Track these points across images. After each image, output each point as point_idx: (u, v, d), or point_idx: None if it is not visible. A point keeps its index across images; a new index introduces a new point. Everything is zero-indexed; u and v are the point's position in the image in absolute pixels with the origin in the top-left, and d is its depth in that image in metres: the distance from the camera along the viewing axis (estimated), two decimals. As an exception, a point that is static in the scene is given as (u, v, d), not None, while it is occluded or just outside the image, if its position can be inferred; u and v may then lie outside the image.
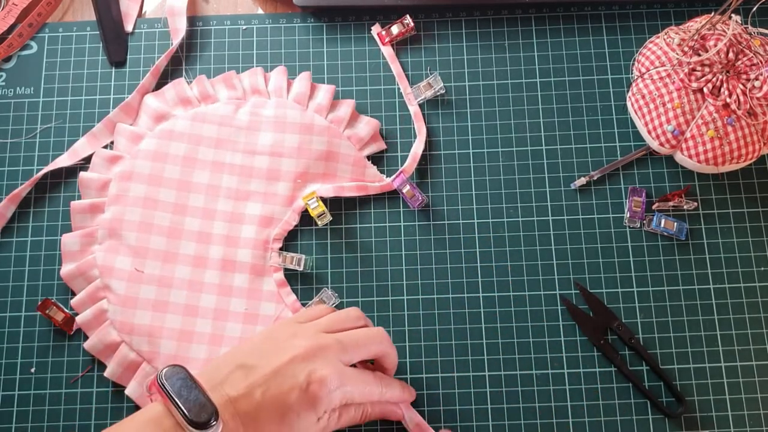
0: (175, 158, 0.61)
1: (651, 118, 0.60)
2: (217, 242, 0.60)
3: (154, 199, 0.60)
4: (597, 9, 0.67)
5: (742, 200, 0.62)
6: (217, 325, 0.58)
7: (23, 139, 0.64)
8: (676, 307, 0.60)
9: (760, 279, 0.60)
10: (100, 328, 0.58)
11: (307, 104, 0.63)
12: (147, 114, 0.63)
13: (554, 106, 0.64)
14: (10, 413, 0.59)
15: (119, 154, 0.62)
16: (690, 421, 0.57)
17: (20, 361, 0.60)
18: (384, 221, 0.62)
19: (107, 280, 0.59)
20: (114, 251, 0.60)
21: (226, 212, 0.61)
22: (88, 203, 0.61)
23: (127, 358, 0.57)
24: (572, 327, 0.60)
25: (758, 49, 0.58)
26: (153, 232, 0.60)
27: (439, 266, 0.61)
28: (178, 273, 0.59)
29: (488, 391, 0.58)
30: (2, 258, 0.62)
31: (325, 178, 0.62)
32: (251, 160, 0.62)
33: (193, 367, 0.56)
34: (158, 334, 0.58)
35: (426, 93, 0.64)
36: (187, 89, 0.64)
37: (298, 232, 0.62)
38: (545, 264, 0.61)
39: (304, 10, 0.67)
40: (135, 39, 0.67)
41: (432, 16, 0.67)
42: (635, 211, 0.61)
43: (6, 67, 0.66)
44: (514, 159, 0.63)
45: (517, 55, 0.66)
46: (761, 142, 0.59)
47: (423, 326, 0.60)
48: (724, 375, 0.58)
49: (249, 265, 0.60)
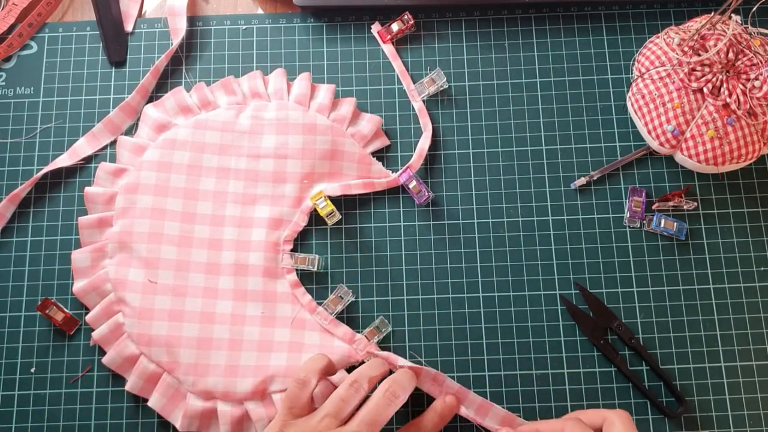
0: (180, 167, 0.61)
1: (651, 118, 0.60)
2: (228, 248, 0.60)
3: (161, 209, 0.60)
4: (597, 9, 0.67)
5: (742, 200, 0.62)
6: (235, 330, 0.58)
7: (23, 139, 0.64)
8: (676, 307, 0.60)
9: (760, 279, 0.60)
10: (117, 342, 0.58)
11: (309, 104, 0.63)
12: (148, 125, 0.63)
13: (554, 106, 0.64)
14: (10, 413, 0.59)
15: (123, 167, 0.62)
16: (690, 421, 0.58)
17: (20, 361, 0.60)
18: (384, 221, 0.62)
19: (121, 293, 0.59)
20: (126, 264, 0.59)
21: (234, 217, 0.61)
22: (95, 218, 0.61)
23: (147, 370, 0.57)
24: (572, 327, 0.60)
25: (758, 49, 0.58)
26: (163, 242, 0.60)
27: (439, 266, 0.61)
28: (192, 281, 0.59)
29: (488, 391, 0.58)
30: (2, 258, 0.62)
31: (331, 177, 0.62)
32: (256, 163, 0.62)
33: (213, 374, 0.56)
34: (177, 344, 0.58)
35: (429, 89, 0.64)
36: (187, 97, 0.64)
37: (307, 233, 0.62)
38: (545, 264, 0.61)
39: (304, 10, 0.67)
40: (135, 39, 0.67)
41: (432, 16, 0.67)
42: (635, 211, 0.61)
43: (6, 67, 0.66)
44: (514, 159, 0.63)
45: (517, 55, 0.66)
46: (761, 142, 0.59)
47: (423, 326, 0.60)
48: (724, 375, 0.58)
49: (261, 268, 0.60)
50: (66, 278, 0.61)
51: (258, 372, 0.57)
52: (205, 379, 0.57)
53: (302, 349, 0.58)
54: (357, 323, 0.60)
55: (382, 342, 0.59)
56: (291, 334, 0.59)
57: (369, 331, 0.59)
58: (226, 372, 0.57)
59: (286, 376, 0.57)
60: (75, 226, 0.62)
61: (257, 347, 0.58)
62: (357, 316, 0.60)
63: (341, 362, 0.57)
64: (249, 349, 0.58)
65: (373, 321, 0.59)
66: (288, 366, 0.57)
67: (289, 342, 0.58)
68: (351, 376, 0.53)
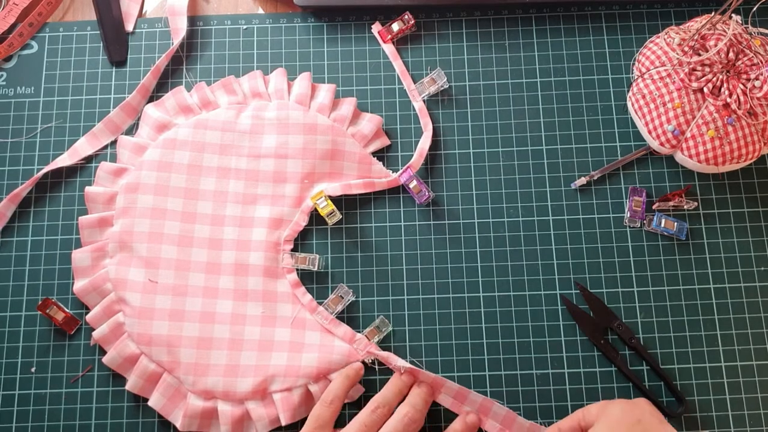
0: (180, 167, 0.61)
1: (651, 118, 0.60)
2: (229, 247, 0.60)
3: (162, 208, 0.60)
4: (597, 9, 0.67)
5: (742, 200, 0.62)
6: (236, 330, 0.58)
7: (23, 138, 0.64)
8: (676, 307, 0.60)
9: (760, 279, 0.60)
10: (117, 342, 0.58)
11: (309, 104, 0.63)
12: (148, 124, 0.63)
13: (554, 106, 0.64)
14: (11, 413, 0.59)
15: (124, 167, 0.62)
16: (690, 421, 0.58)
17: (20, 360, 0.60)
18: (384, 221, 0.62)
19: (121, 292, 0.59)
20: (126, 264, 0.59)
21: (235, 217, 0.61)
22: (96, 217, 0.61)
23: (147, 370, 0.57)
24: (572, 327, 0.60)
25: (758, 49, 0.58)
26: (164, 242, 0.60)
27: (439, 266, 0.61)
28: (192, 280, 0.59)
29: (488, 391, 0.58)
30: (2, 258, 0.62)
31: (331, 176, 0.62)
32: (256, 163, 0.62)
33: (214, 374, 0.56)
34: (177, 344, 0.58)
35: (430, 88, 0.64)
36: (188, 97, 0.64)
37: (307, 232, 0.62)
38: (545, 264, 0.61)
39: (305, 10, 0.67)
40: (135, 39, 0.67)
41: (432, 16, 0.67)
42: (635, 211, 0.61)
43: (6, 66, 0.66)
44: (514, 159, 0.63)
45: (517, 55, 0.66)
46: (761, 142, 0.59)
47: (423, 326, 0.60)
48: (724, 375, 0.58)
49: (262, 268, 0.60)
50: (66, 278, 0.61)
51: (258, 372, 0.57)
52: (205, 378, 0.57)
53: (302, 348, 0.58)
54: (357, 323, 0.60)
55: (383, 341, 0.59)
56: (291, 333, 0.59)
57: (369, 331, 0.59)
58: (226, 372, 0.57)
59: (287, 375, 0.57)
60: (75, 226, 0.62)
61: (258, 347, 0.58)
62: (357, 316, 0.60)
63: (342, 362, 0.57)
64: (249, 349, 0.58)
65: (374, 321, 0.59)
66: (288, 366, 0.57)
67: (290, 342, 0.58)
68: (373, 401, 0.54)
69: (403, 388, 0.56)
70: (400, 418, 0.53)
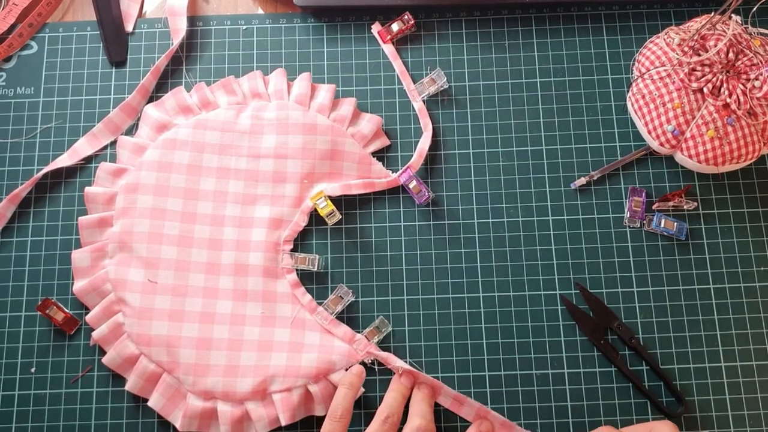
0: (180, 167, 0.61)
1: (651, 118, 0.60)
2: (229, 248, 0.60)
3: (161, 209, 0.60)
4: (597, 9, 0.67)
5: (742, 200, 0.62)
6: (235, 330, 0.58)
7: (23, 139, 0.64)
8: (676, 307, 0.60)
9: (760, 279, 0.60)
10: (117, 342, 0.58)
11: (309, 104, 0.63)
12: (148, 125, 0.63)
13: (554, 106, 0.64)
14: (10, 413, 0.59)
15: (123, 167, 0.62)
16: (690, 421, 0.58)
17: (20, 360, 0.60)
18: (384, 221, 0.62)
19: (121, 293, 0.59)
20: (126, 264, 0.59)
21: (234, 217, 0.61)
22: (95, 218, 0.61)
23: (147, 370, 0.57)
24: (572, 327, 0.60)
25: (758, 49, 0.58)
26: (163, 242, 0.60)
27: (439, 266, 0.61)
28: (192, 281, 0.59)
29: (488, 391, 0.58)
30: (2, 258, 0.62)
31: (331, 177, 0.62)
32: (256, 163, 0.62)
33: (213, 374, 0.56)
34: (176, 344, 0.58)
35: (430, 89, 0.64)
36: (187, 97, 0.64)
37: (307, 233, 0.62)
38: (545, 264, 0.61)
39: (304, 10, 0.67)
40: (135, 39, 0.67)
41: (432, 16, 0.67)
42: (635, 211, 0.61)
43: (6, 67, 0.66)
44: (514, 159, 0.63)
45: (517, 55, 0.66)
46: (761, 142, 0.59)
47: (423, 326, 0.60)
48: (724, 375, 0.58)
49: (262, 268, 0.60)
50: (66, 278, 0.61)
51: (258, 372, 0.57)
52: (205, 379, 0.57)
53: (302, 349, 0.58)
54: (357, 323, 0.60)
55: (382, 342, 0.59)
56: (291, 334, 0.59)
57: (369, 331, 0.59)
58: (226, 372, 0.57)
59: (286, 376, 0.57)
60: (75, 226, 0.62)
61: (257, 347, 0.58)
62: (357, 316, 0.60)
63: (341, 362, 0.57)
64: (249, 349, 0.58)
65: (373, 321, 0.59)
66: (288, 366, 0.57)
67: (289, 342, 0.58)
68: (381, 411, 0.54)
69: (405, 391, 0.56)
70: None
